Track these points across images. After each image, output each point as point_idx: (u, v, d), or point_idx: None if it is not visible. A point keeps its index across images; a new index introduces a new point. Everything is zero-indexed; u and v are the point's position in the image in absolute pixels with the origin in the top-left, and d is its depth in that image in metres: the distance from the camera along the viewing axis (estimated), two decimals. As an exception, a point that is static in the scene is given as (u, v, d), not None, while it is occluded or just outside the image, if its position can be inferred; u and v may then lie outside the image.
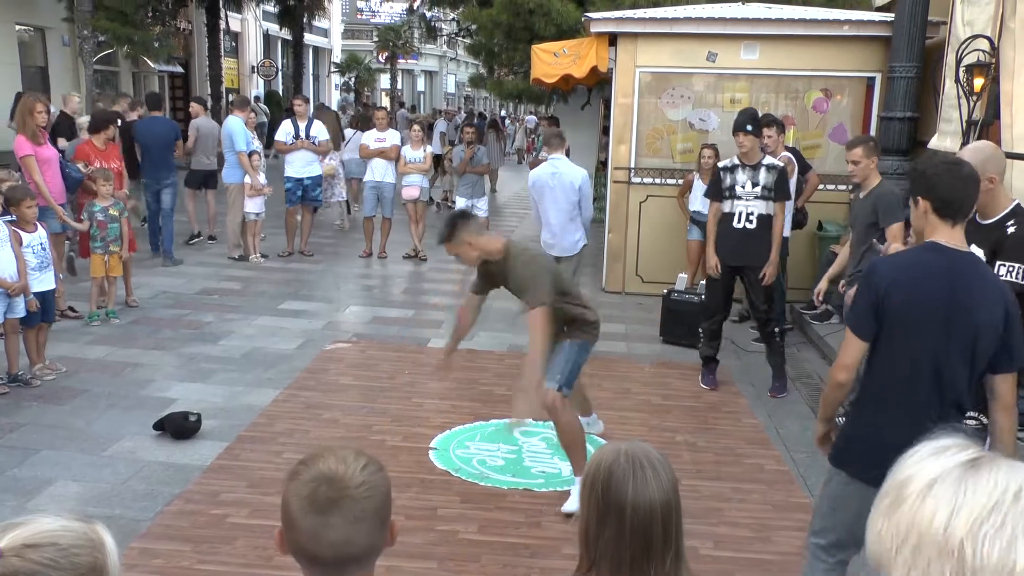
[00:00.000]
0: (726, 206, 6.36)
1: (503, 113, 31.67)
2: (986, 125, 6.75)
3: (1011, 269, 3.43)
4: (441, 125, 19.42)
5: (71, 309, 7.54)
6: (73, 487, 4.47)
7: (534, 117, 25.79)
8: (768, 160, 6.37)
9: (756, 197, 6.26)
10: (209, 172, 11.51)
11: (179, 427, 5.14)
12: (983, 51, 6.70)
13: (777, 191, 6.26)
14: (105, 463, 4.76)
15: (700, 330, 6.70)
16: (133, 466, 4.74)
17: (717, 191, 6.43)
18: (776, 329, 6.44)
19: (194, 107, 11.64)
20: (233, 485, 4.54)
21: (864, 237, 5.68)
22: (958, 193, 2.75)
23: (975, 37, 6.75)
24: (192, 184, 11.49)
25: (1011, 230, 3.49)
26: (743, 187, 6.29)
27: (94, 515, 3.96)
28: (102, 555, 1.19)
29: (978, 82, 6.76)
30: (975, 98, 6.80)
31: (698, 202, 8.51)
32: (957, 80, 6.99)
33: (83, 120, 9.68)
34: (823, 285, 6.13)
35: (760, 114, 6.57)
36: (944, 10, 7.60)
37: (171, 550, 3.87)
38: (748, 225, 6.29)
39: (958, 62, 6.95)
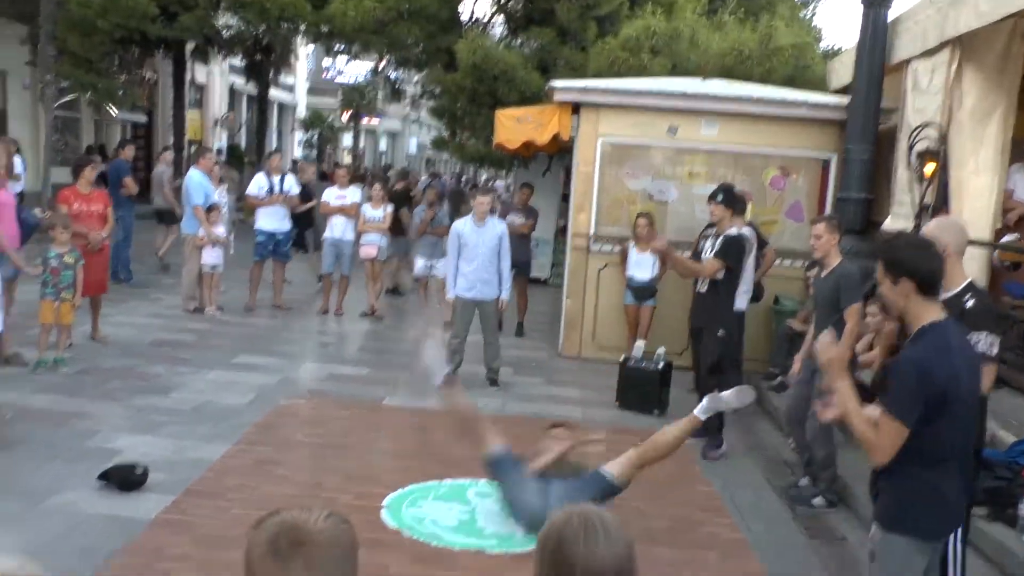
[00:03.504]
0: None
1: (485, 176, 31.34)
2: (937, 210, 6.97)
3: (978, 339, 3.58)
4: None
5: (16, 355, 7.33)
6: (6, 539, 4.28)
7: (502, 183, 26.18)
8: (731, 231, 6.61)
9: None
10: None
11: (125, 478, 4.99)
12: (933, 138, 6.94)
13: (718, 251, 6.58)
14: (44, 515, 4.59)
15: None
16: (73, 519, 4.57)
17: (695, 254, 7.15)
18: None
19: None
20: (178, 540, 4.41)
21: (827, 316, 5.60)
22: (937, 271, 3.01)
23: (925, 125, 7.00)
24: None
25: (969, 304, 3.65)
26: (704, 253, 6.86)
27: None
28: None
29: (929, 167, 6.99)
30: (926, 183, 7.03)
31: (631, 267, 8.83)
32: (909, 165, 7.23)
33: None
34: (797, 368, 5.97)
35: (720, 187, 6.87)
36: (897, 96, 7.88)
37: (110, 607, 3.72)
38: (701, 289, 6.80)
39: (910, 148, 7.20)
